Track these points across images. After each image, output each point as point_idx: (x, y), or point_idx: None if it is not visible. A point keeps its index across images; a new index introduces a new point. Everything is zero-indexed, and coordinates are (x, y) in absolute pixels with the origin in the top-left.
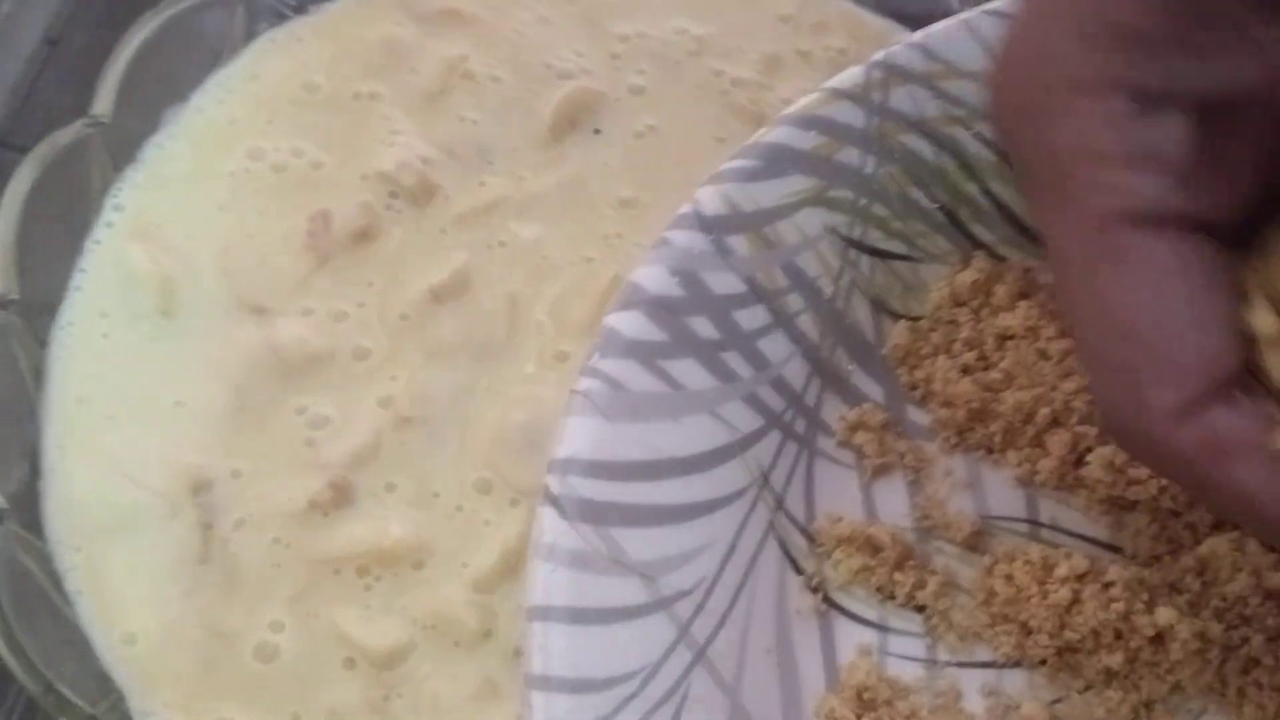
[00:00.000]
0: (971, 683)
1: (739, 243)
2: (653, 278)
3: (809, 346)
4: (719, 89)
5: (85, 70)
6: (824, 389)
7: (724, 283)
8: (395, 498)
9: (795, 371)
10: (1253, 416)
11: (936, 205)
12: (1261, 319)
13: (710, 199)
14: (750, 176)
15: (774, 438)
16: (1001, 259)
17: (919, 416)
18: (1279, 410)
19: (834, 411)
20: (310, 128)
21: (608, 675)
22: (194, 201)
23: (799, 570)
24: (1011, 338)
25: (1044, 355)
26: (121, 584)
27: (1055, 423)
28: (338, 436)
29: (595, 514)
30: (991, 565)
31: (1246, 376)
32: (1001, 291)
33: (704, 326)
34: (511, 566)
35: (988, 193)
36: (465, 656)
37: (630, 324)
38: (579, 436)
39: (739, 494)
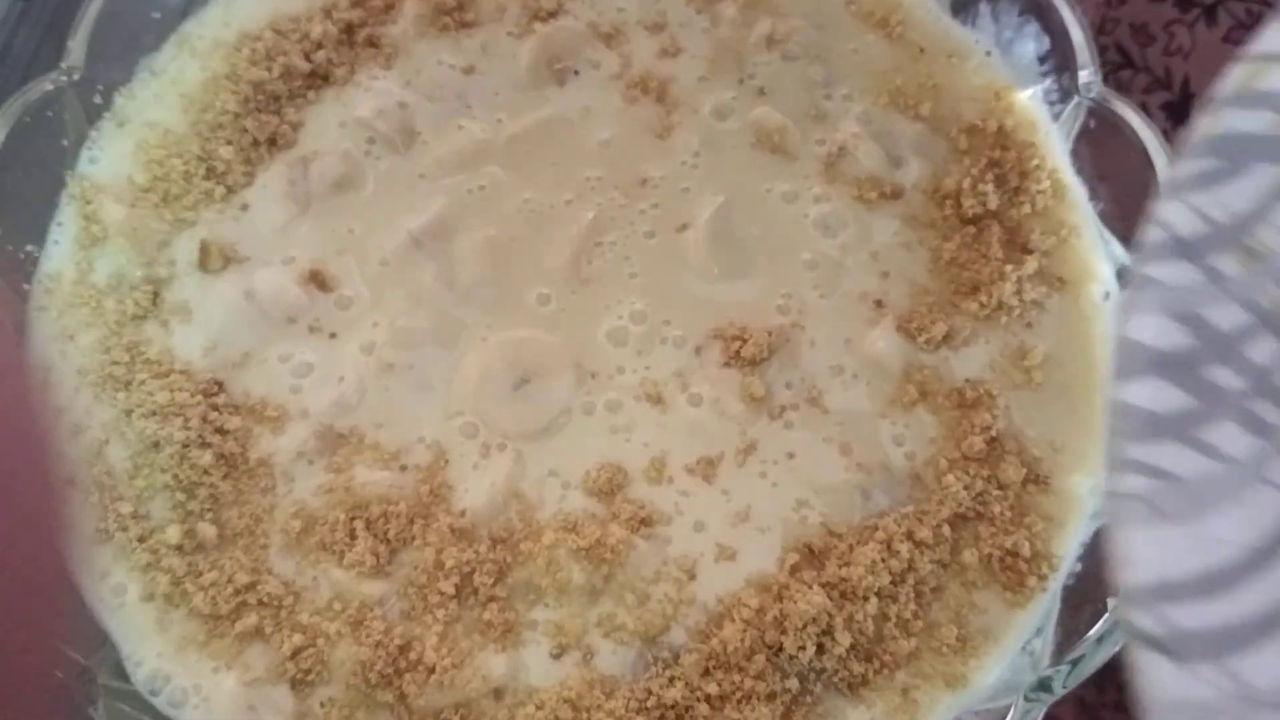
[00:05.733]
0: None
1: (1227, 263)
2: (1153, 329)
3: None
4: (700, 28)
5: (59, 25)
6: None
7: (1227, 316)
8: (381, 444)
9: None
10: None
11: None
12: None
13: (1180, 217)
14: (1213, 179)
15: None
16: None
17: None
18: None
19: None
20: None
21: None
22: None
23: None
24: None
25: None
26: None
27: None
28: (322, 384)
29: (1207, 646)
30: None
31: None
32: None
33: (1224, 376)
34: (499, 508)
35: None
36: (451, 602)
37: (1149, 394)
38: (1147, 552)
39: None
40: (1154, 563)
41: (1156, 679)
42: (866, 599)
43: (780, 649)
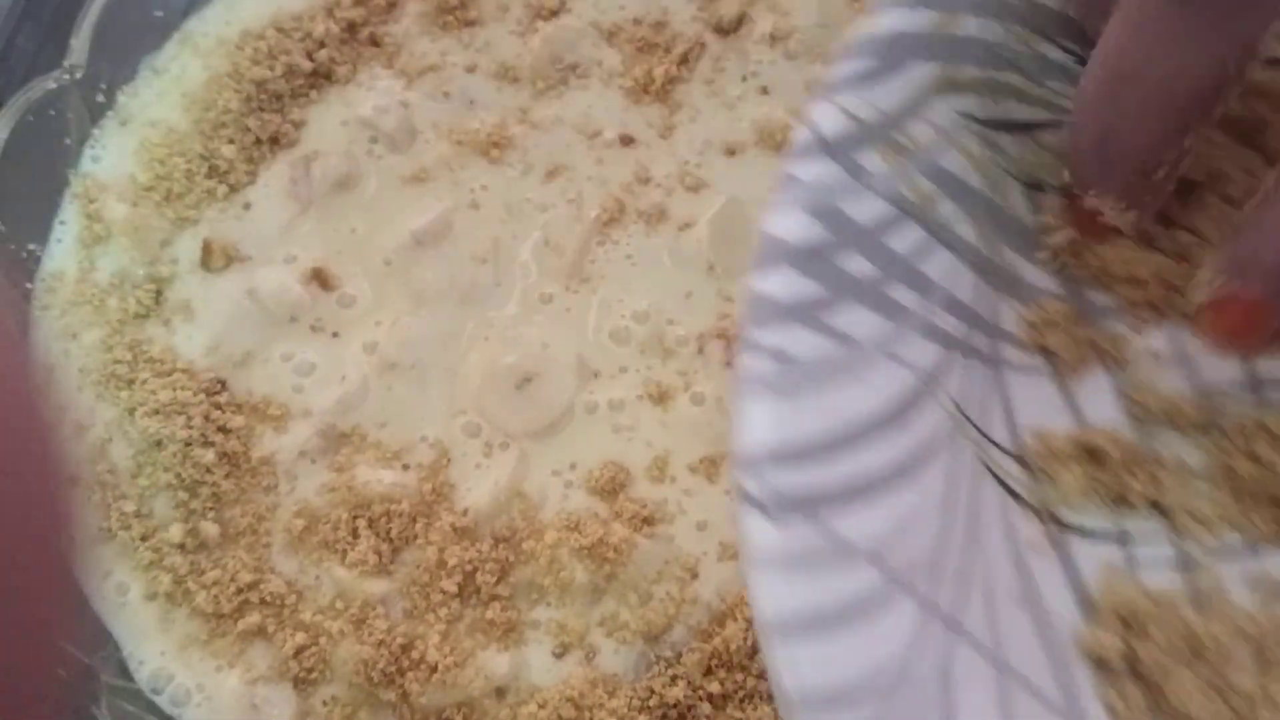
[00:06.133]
0: (1233, 574)
1: (872, 159)
2: (790, 224)
3: (972, 253)
4: (702, 26)
5: (61, 23)
6: (996, 295)
7: (868, 209)
8: (384, 443)
9: (963, 285)
10: None
11: (1071, 56)
12: None
13: (828, 117)
14: (865, 79)
15: (959, 364)
16: None
17: (1103, 298)
18: None
19: (1012, 315)
20: None
21: (865, 675)
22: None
23: (1020, 500)
24: (1194, 188)
25: (1231, 201)
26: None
27: None
28: (324, 383)
29: (802, 504)
30: (1226, 444)
31: None
32: None
33: (859, 264)
34: (502, 507)
35: None
36: (454, 601)
37: (779, 283)
38: (759, 423)
39: (941, 438)
40: (761, 432)
41: (754, 534)
42: None
43: None
